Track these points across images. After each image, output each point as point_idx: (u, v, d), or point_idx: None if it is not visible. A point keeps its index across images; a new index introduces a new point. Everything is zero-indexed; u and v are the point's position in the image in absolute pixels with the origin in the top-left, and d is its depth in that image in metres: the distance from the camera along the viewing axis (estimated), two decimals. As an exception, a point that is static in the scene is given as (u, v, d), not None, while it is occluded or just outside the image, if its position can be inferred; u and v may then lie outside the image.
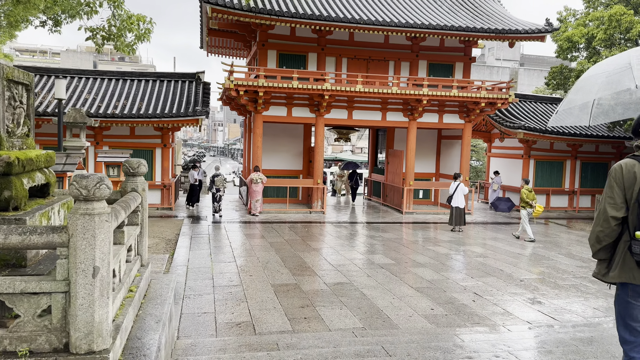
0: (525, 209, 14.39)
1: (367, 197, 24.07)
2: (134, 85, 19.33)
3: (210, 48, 22.96)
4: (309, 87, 17.30)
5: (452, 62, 19.87)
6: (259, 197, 17.55)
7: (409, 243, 13.56)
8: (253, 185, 17.54)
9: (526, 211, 14.42)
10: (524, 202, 14.38)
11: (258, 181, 17.49)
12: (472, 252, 12.57)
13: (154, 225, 15.41)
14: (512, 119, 21.09)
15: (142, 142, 18.38)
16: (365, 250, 12.39)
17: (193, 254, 11.44)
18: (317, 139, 18.73)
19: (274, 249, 12.11)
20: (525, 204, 14.39)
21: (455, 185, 15.74)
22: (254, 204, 17.57)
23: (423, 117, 19.39)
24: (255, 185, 17.54)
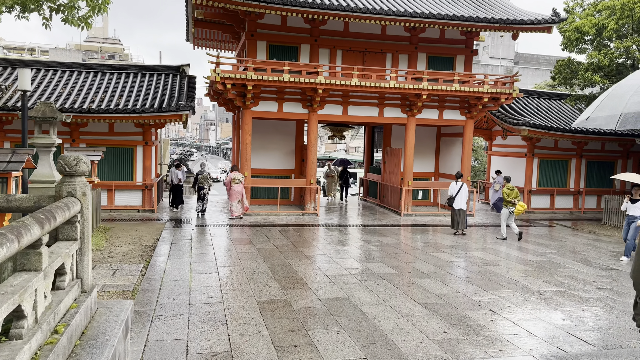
0: (507, 207, 13.93)
1: (363, 198, 22.93)
2: (114, 79, 18.07)
3: (197, 40, 21.72)
4: (301, 80, 16.12)
5: (453, 54, 18.76)
6: (239, 198, 16.34)
7: (409, 249, 12.42)
8: (233, 185, 16.31)
9: (507, 210, 13.95)
10: (506, 201, 13.94)
11: (238, 181, 16.29)
12: (480, 259, 11.44)
13: (132, 229, 14.19)
14: (515, 116, 20.02)
15: (121, 139, 17.11)
16: (363, 257, 11.23)
17: (171, 263, 10.23)
18: (310, 137, 17.56)
19: (262, 257, 10.92)
20: (507, 203, 13.88)
21: (459, 186, 14.73)
22: (235, 205, 16.33)
23: (422, 113, 18.27)
24: (236, 185, 16.31)
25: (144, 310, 7.16)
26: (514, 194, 13.83)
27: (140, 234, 13.53)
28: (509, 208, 13.91)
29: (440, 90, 17.15)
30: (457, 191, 14.67)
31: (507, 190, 13.94)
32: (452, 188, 14.96)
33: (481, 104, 18.02)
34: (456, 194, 14.65)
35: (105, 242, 12.43)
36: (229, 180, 16.49)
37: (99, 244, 12.00)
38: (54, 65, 18.16)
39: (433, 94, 17.37)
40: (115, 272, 9.40)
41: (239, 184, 16.28)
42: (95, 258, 10.64)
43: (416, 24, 16.42)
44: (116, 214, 16.89)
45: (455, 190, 14.74)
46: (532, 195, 20.56)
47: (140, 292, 8.09)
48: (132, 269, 9.68)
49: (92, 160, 11.58)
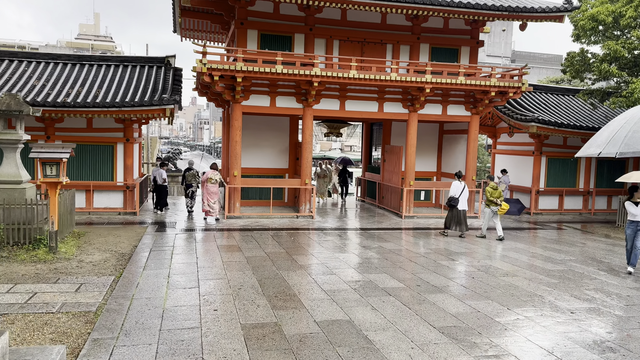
0: (490, 207, 13.57)
1: (361, 199, 21.71)
2: (93, 71, 16.74)
3: (185, 32, 20.40)
4: (295, 72, 14.88)
5: (458, 45, 17.55)
6: (215, 199, 15.15)
7: (415, 256, 11.21)
8: (209, 185, 15.08)
9: (490, 209, 13.59)
10: (488, 201, 13.55)
11: (214, 181, 15.13)
12: (495, 268, 10.25)
13: (109, 234, 12.92)
14: (523, 111, 18.86)
15: (101, 136, 15.81)
16: (365, 267, 10.01)
17: (147, 275, 8.97)
18: (304, 133, 16.32)
19: (251, 267, 9.68)
20: (490, 202, 13.50)
21: (462, 186, 13.93)
22: (211, 206, 15.08)
23: (425, 108, 17.07)
24: (212, 185, 15.10)
25: (104, 339, 5.90)
26: (497, 193, 13.39)
27: (118, 240, 12.26)
28: (492, 208, 13.53)
29: (444, 83, 15.95)
30: (461, 191, 13.81)
31: (490, 189, 13.48)
32: (455, 188, 14.01)
33: (488, 99, 16.85)
34: (460, 194, 13.78)
35: (77, 249, 11.16)
36: (205, 179, 15.34)
37: (68, 252, 10.73)
38: (28, 57, 16.83)
39: (437, 87, 16.17)
40: (81, 287, 8.14)
41: (215, 185, 15.14)
42: (61, 269, 9.38)
43: (419, 12, 15.18)
44: (95, 217, 15.60)
45: (458, 190, 13.89)
46: (540, 196, 19.41)
47: (104, 314, 6.83)
48: (101, 283, 8.42)
49: (60, 157, 10.31)
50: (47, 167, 10.39)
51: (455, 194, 13.87)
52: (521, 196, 19.89)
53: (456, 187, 13.96)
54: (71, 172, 15.66)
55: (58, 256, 10.38)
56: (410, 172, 17.05)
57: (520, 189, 20.00)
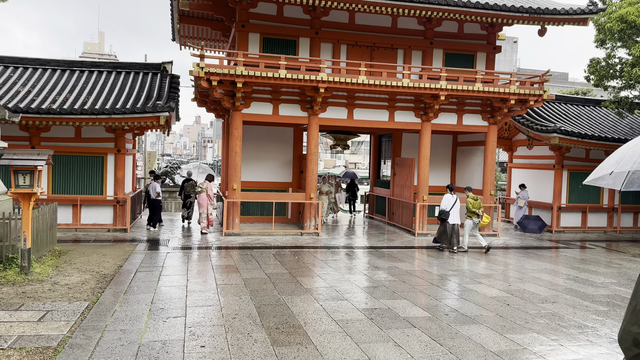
0: (472, 219, 13.10)
1: (369, 215, 20.41)
2: (83, 77, 15.66)
3: (183, 39, 19.40)
4: (300, 77, 13.74)
5: (473, 51, 16.43)
6: (202, 211, 14.74)
7: (436, 279, 9.89)
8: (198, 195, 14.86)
9: (472, 221, 13.10)
10: (470, 212, 13.09)
11: (199, 190, 14.85)
12: (530, 292, 8.92)
13: (94, 252, 11.65)
14: (542, 122, 17.65)
15: (90, 146, 14.65)
16: (381, 291, 8.69)
17: (127, 300, 7.69)
18: (310, 144, 15.12)
19: (249, 291, 8.38)
20: (472, 214, 13.06)
21: (454, 199, 13.35)
22: (200, 217, 14.77)
23: (439, 117, 15.88)
24: (198, 196, 14.79)
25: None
26: (477, 204, 13.07)
27: (102, 259, 10.99)
28: (474, 219, 13.09)
29: (460, 90, 14.79)
30: (452, 204, 13.24)
31: (471, 200, 13.09)
32: (446, 201, 13.34)
33: (507, 107, 15.66)
34: (451, 207, 13.20)
35: (54, 269, 9.89)
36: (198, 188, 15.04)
37: (44, 273, 9.47)
38: (15, 62, 15.75)
39: (452, 95, 15.00)
40: (46, 316, 6.85)
41: (201, 194, 14.74)
42: (30, 293, 8.10)
43: (432, 13, 14.09)
44: (82, 233, 14.35)
45: (450, 204, 13.28)
46: (562, 213, 18.09)
47: (65, 351, 5.54)
48: (71, 310, 7.14)
49: (35, 165, 9.12)
50: (19, 176, 9.17)
51: (446, 208, 13.20)
52: (541, 213, 18.57)
53: (447, 200, 13.29)
54: (57, 185, 14.48)
55: (30, 277, 9.11)
56: (423, 185, 15.80)
57: (540, 205, 18.69)
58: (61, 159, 14.47)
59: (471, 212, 13.08)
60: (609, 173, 3.69)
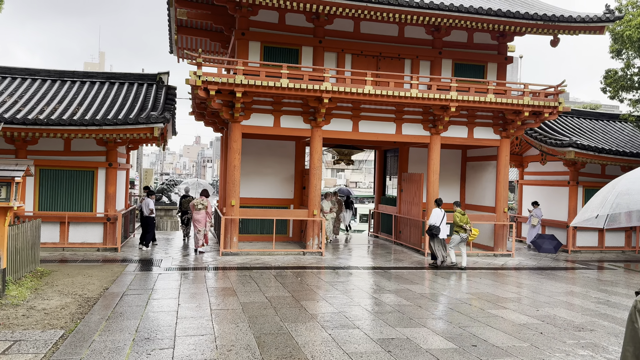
0: (459, 234, 12.86)
1: (374, 234, 19.46)
2: (74, 88, 14.89)
3: (181, 51, 18.70)
4: (303, 87, 12.97)
5: (484, 62, 15.70)
6: (201, 229, 14.01)
7: (455, 303, 8.95)
8: (195, 212, 14.07)
9: (459, 236, 12.86)
10: (457, 227, 12.90)
11: (200, 207, 14.01)
12: (562, 319, 7.97)
13: (80, 273, 10.72)
14: (556, 135, 16.85)
15: (80, 160, 13.80)
16: (396, 317, 7.75)
17: (109, 328, 6.75)
18: (313, 158, 14.28)
19: (247, 317, 7.44)
20: (459, 229, 12.85)
21: (442, 214, 13.08)
22: (197, 236, 14.07)
23: (448, 130, 15.07)
24: (197, 213, 14.01)
25: None
26: (465, 219, 12.90)
27: (88, 281, 10.06)
28: (461, 235, 12.84)
29: (471, 102, 14.01)
30: (441, 219, 12.97)
31: (458, 214, 12.91)
32: (435, 216, 13.01)
33: (520, 120, 14.86)
34: (440, 222, 12.94)
35: (33, 292, 8.96)
36: (192, 205, 14.32)
37: (20, 296, 8.55)
38: (3, 72, 15.00)
39: (463, 106, 14.23)
40: (12, 347, 5.92)
41: (200, 211, 13.99)
42: (1, 318, 7.17)
43: (441, 21, 13.39)
44: (69, 253, 13.41)
45: (439, 219, 12.99)
46: (578, 232, 17.17)
47: (25, 393, 4.61)
48: (43, 340, 6.20)
49: (12, 177, 8.26)
50: (-6, 188, 8.29)
51: (436, 222, 12.91)
52: (555, 232, 17.65)
53: (436, 215, 13.00)
54: (44, 201, 13.61)
55: (4, 301, 8.19)
56: (432, 202, 14.90)
57: (553, 224, 17.78)
58: (49, 174, 13.62)
59: (458, 227, 12.86)
60: (595, 216, 4.05)
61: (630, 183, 3.97)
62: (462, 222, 12.85)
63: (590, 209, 4.11)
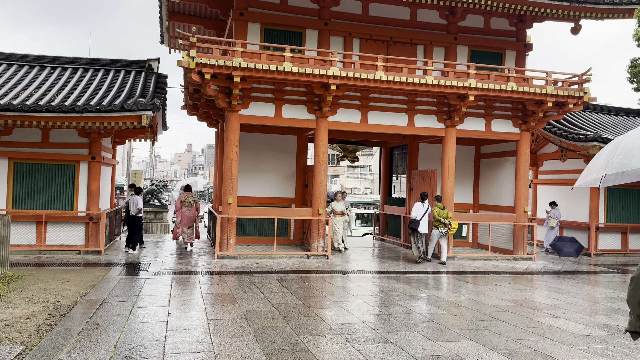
0: (438, 228, 12.76)
1: (379, 237, 18.13)
2: (55, 74, 13.53)
3: (173, 40, 17.38)
4: (308, 71, 11.70)
5: (501, 49, 14.53)
6: (190, 224, 13.82)
7: (494, 311, 7.65)
8: (184, 208, 13.76)
9: (438, 231, 12.75)
10: (436, 221, 12.79)
11: (189, 204, 13.80)
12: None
13: (55, 278, 9.31)
14: (576, 130, 15.69)
15: (59, 152, 12.41)
16: (433, 329, 6.43)
17: (80, 343, 5.38)
18: (318, 151, 12.99)
19: (253, 329, 6.10)
20: (438, 223, 12.75)
21: (425, 208, 12.86)
22: (185, 232, 13.78)
23: (464, 123, 13.85)
24: (188, 210, 13.76)
25: None
26: (444, 213, 12.80)
27: (64, 287, 8.67)
28: (440, 229, 12.73)
29: (491, 90, 12.79)
30: (423, 214, 12.76)
31: (437, 209, 12.82)
32: (417, 210, 12.82)
33: (542, 111, 13.67)
34: (421, 217, 12.72)
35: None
36: (179, 201, 13.91)
37: (-21, 304, 7.13)
38: (-24, 56, 13.61)
39: (482, 96, 13.02)
40: (-49, 370, 4.54)
41: (191, 208, 13.79)
42: (-52, 332, 5.78)
43: (457, 2, 12.23)
44: (46, 256, 11.98)
45: (421, 213, 12.79)
46: (600, 234, 15.98)
47: None
48: (-7, 361, 4.82)
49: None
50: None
51: (417, 217, 12.70)
52: (575, 234, 16.44)
53: (418, 209, 12.82)
54: (19, 198, 12.21)
55: (-43, 311, 6.78)
56: (448, 201, 13.64)
57: (573, 225, 16.57)
58: (24, 168, 12.23)
59: (437, 221, 12.76)
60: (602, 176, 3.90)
61: (633, 140, 3.94)
62: (441, 217, 12.70)
63: (596, 170, 4.04)
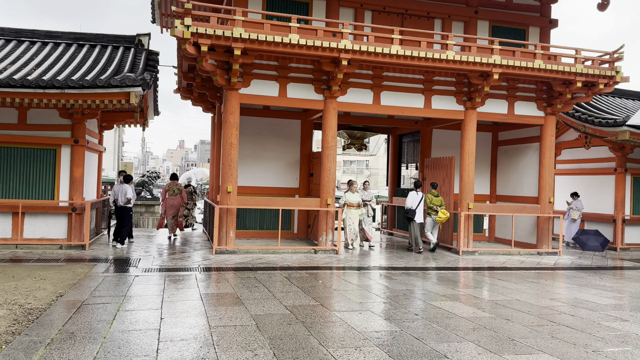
0: (431, 216, 12.52)
1: (388, 231, 16.90)
2: (33, 49, 12.19)
3: (165, 18, 16.01)
4: (317, 44, 10.43)
5: (525, 25, 13.35)
6: (173, 213, 13.60)
7: (549, 313, 6.47)
8: (170, 198, 13.50)
9: (431, 218, 12.53)
10: (428, 208, 12.52)
11: (174, 192, 13.57)
12: None
13: (29, 276, 8.05)
14: (602, 114, 14.55)
15: (38, 135, 11.09)
16: (490, 337, 5.24)
17: (46, 358, 4.13)
18: (326, 135, 11.74)
19: (267, 340, 4.86)
20: (431, 210, 12.48)
21: (420, 197, 12.46)
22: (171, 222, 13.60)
23: (485, 105, 12.67)
24: (172, 198, 13.50)
25: None
26: (437, 200, 12.58)
27: (38, 285, 7.40)
28: (432, 216, 12.51)
29: (517, 68, 11.60)
30: (418, 203, 12.40)
31: (430, 196, 12.58)
32: (411, 199, 12.44)
33: (570, 92, 12.51)
34: (417, 206, 12.36)
35: (-48, 302, 6.27)
36: (164, 191, 13.82)
37: None
38: (-55, 29, 12.24)
39: (507, 74, 11.84)
40: None
41: (175, 197, 13.51)
42: None
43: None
44: (23, 251, 10.67)
45: (415, 202, 12.42)
46: (626, 226, 14.88)
47: None
48: None
49: None
50: None
51: (412, 206, 12.35)
52: (599, 226, 15.34)
53: (412, 198, 12.44)
54: (-9, 186, 10.87)
55: None
56: (468, 191, 12.48)
57: (595, 218, 15.46)
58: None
59: (429, 208, 12.51)
60: None
61: None
62: (433, 204, 12.45)
63: None
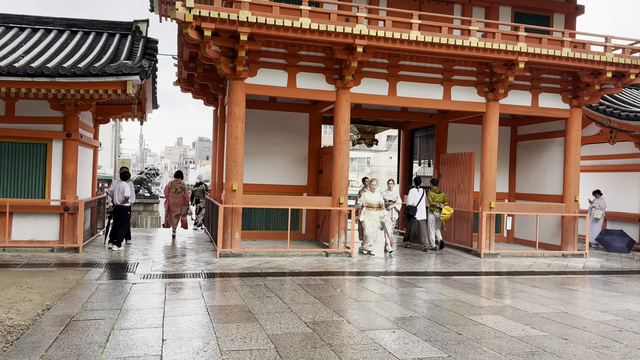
0: (433, 213, 12.33)
1: (399, 231, 16.03)
2: (22, 35, 11.30)
3: (164, 6, 15.14)
4: (330, 29, 9.56)
5: (549, 11, 12.51)
6: (176, 213, 13.30)
7: (603, 329, 5.66)
8: (171, 195, 13.19)
9: (433, 215, 12.33)
10: (431, 206, 12.33)
11: (176, 190, 13.23)
12: None
13: (15, 284, 7.22)
14: (629, 107, 13.71)
15: (27, 128, 10.21)
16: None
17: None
18: (339, 129, 10.88)
19: (290, 369, 4.02)
20: (433, 208, 12.26)
21: (421, 193, 12.38)
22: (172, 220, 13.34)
23: (508, 96, 11.82)
24: (175, 197, 13.17)
25: None
26: (440, 197, 12.33)
27: (24, 296, 6.55)
28: (435, 214, 12.32)
29: (545, 56, 10.74)
30: (419, 199, 12.29)
31: (433, 193, 12.38)
32: (412, 196, 12.35)
33: (599, 83, 11.67)
34: (418, 202, 12.26)
35: None
36: (167, 188, 13.42)
37: None
38: None
39: (532, 63, 10.98)
40: None
41: (178, 195, 13.20)
42: None
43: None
44: (11, 254, 9.81)
45: (416, 199, 12.32)
46: (652, 226, 14.09)
47: None
48: None
49: None
50: None
51: (414, 203, 12.26)
52: (623, 226, 14.52)
53: (414, 195, 12.35)
54: (-24, 183, 10.01)
55: None
56: (489, 189, 11.65)
57: (619, 217, 14.64)
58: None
59: (432, 206, 12.34)
60: None
61: None
62: (436, 201, 12.22)
63: None
